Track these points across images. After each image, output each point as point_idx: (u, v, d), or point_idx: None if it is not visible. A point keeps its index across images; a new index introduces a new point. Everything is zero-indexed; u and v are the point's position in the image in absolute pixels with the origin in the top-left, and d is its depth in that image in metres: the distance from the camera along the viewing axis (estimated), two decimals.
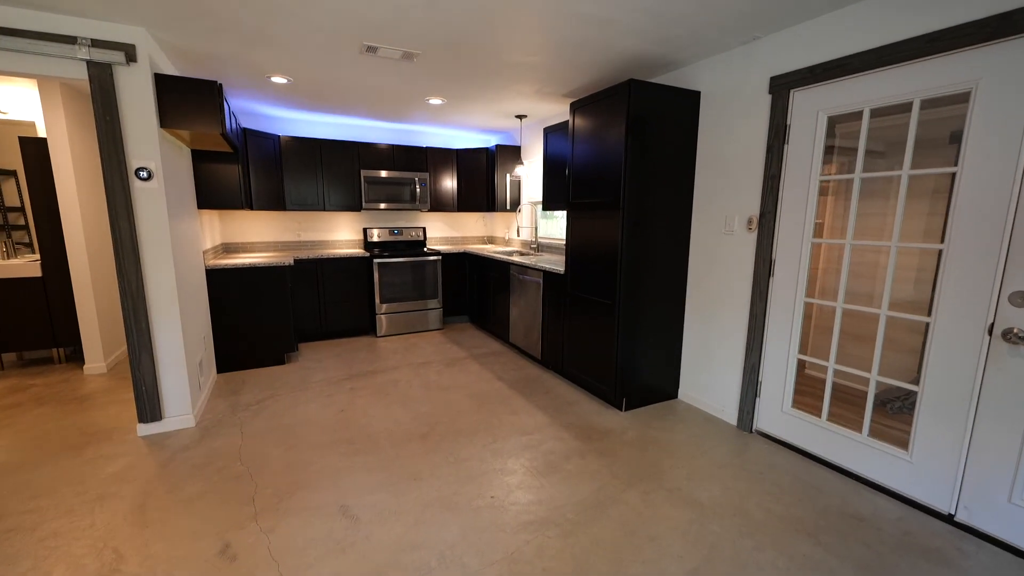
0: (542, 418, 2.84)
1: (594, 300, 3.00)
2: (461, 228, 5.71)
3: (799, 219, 2.34)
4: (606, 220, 2.83)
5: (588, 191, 2.99)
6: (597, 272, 2.95)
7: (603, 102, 2.78)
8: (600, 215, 2.88)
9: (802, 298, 2.37)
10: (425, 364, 3.85)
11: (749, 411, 2.65)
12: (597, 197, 2.90)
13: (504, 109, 4.12)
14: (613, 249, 2.77)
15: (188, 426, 2.68)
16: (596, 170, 2.89)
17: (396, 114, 4.36)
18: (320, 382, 3.42)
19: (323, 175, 4.53)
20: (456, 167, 5.17)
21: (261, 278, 3.63)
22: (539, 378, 3.53)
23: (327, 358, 3.98)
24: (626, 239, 2.72)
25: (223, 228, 4.45)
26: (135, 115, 2.37)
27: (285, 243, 4.76)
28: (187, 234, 2.98)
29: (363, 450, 2.44)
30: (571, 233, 3.20)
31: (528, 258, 4.15)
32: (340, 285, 4.48)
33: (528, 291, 3.84)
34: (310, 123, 4.70)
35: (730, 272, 2.71)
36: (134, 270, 2.44)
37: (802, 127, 2.30)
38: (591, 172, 2.95)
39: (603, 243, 2.87)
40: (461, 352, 4.18)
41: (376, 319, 4.63)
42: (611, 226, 2.78)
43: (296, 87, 3.40)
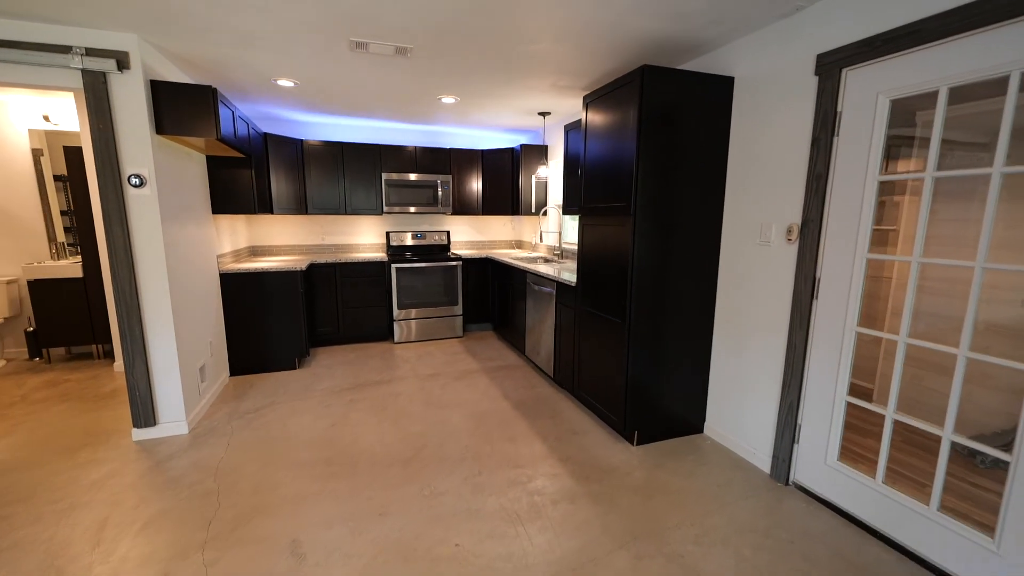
0: (540, 448, 2.54)
1: (603, 317, 2.67)
2: (487, 232, 5.51)
3: (850, 228, 1.89)
4: (617, 227, 2.49)
5: (600, 194, 2.66)
6: (608, 286, 2.61)
7: (616, 93, 2.44)
8: (611, 221, 2.54)
9: (853, 326, 1.91)
10: (433, 376, 3.67)
11: (785, 458, 2.20)
12: (609, 200, 2.56)
13: (524, 106, 3.85)
14: (624, 260, 2.43)
15: (181, 433, 2.67)
16: (608, 170, 2.56)
17: (415, 115, 4.23)
18: (322, 391, 3.34)
19: (344, 178, 4.50)
20: (481, 168, 4.97)
21: (274, 283, 3.62)
22: (549, 399, 3.23)
23: (338, 365, 3.92)
24: (638, 249, 2.37)
25: (250, 232, 4.54)
26: (129, 122, 2.37)
27: (309, 246, 4.80)
28: (194, 239, 2.99)
29: (338, 473, 2.28)
30: (583, 241, 2.88)
31: (546, 266, 3.86)
32: (358, 290, 4.42)
33: (542, 302, 3.55)
34: (334, 127, 4.69)
35: (765, 290, 2.28)
36: (127, 277, 2.45)
37: (856, 114, 1.85)
38: (603, 173, 2.61)
39: (614, 253, 2.53)
40: (474, 364, 3.97)
41: (393, 325, 4.53)
42: (622, 234, 2.44)
43: (304, 90, 3.35)
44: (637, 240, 2.36)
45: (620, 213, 2.44)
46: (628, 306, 2.42)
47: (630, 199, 2.34)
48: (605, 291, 2.64)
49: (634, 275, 2.39)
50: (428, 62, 2.74)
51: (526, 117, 4.27)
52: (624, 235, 2.42)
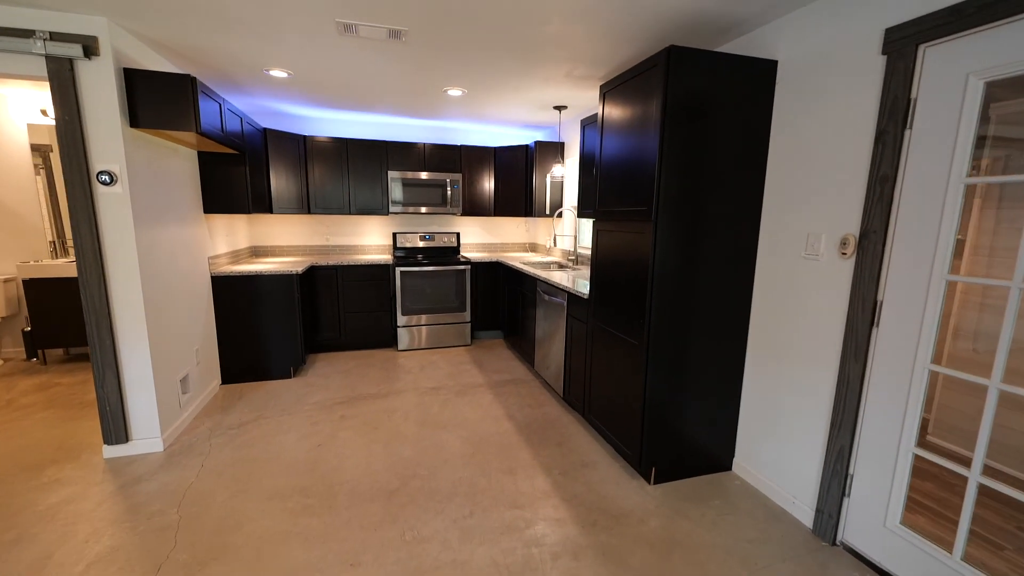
0: (542, 483, 2.25)
1: (618, 336, 2.35)
2: (499, 234, 5.23)
3: (926, 243, 1.53)
4: (636, 234, 2.16)
5: (617, 196, 2.34)
6: (623, 300, 2.29)
7: (637, 80, 2.12)
8: (629, 227, 2.22)
9: (926, 363, 1.55)
10: (434, 390, 3.41)
11: (832, 513, 1.85)
12: (626, 204, 2.24)
13: (538, 99, 3.55)
14: (643, 272, 2.11)
15: (155, 450, 2.48)
16: (626, 170, 2.24)
17: (423, 110, 3.98)
18: (313, 405, 3.11)
19: (349, 176, 4.28)
20: (494, 167, 4.69)
21: (269, 287, 3.42)
22: (557, 421, 2.93)
23: (335, 374, 3.70)
24: (659, 260, 2.04)
25: (252, 232, 4.38)
26: (98, 114, 2.18)
27: (313, 247, 4.61)
28: (180, 240, 2.80)
29: (314, 508, 2.03)
30: (597, 248, 2.56)
31: (559, 273, 3.55)
32: (360, 294, 4.21)
33: (552, 313, 3.25)
34: (338, 122, 4.49)
35: (811, 312, 1.92)
36: (97, 282, 2.26)
37: (936, 101, 1.49)
38: (621, 172, 2.30)
39: (632, 263, 2.21)
40: (479, 377, 3.69)
41: (397, 332, 4.30)
42: (641, 242, 2.12)
43: (300, 82, 3.12)
44: (658, 249, 2.04)
45: (639, 218, 2.12)
46: (647, 325, 2.10)
47: (651, 203, 2.02)
48: (621, 306, 2.32)
49: (654, 289, 2.07)
50: (428, 49, 2.47)
51: (541, 112, 3.97)
52: (643, 243, 2.10)
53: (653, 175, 2.00)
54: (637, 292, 2.16)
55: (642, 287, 2.12)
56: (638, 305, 2.15)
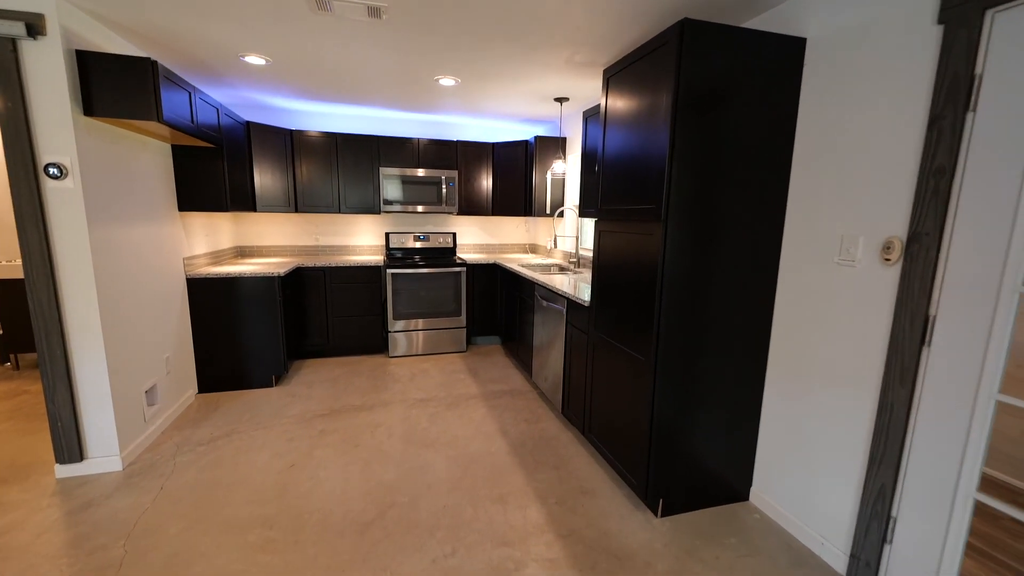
0: (536, 514, 2.00)
1: (622, 350, 2.10)
2: (498, 234, 4.99)
3: (994, 247, 1.27)
4: (643, 235, 1.92)
5: (621, 193, 2.09)
6: (628, 310, 2.04)
7: (645, 61, 1.87)
8: (635, 227, 1.98)
9: (992, 392, 1.29)
10: (423, 402, 3.18)
11: (870, 561, 1.59)
12: (632, 201, 1.99)
13: (537, 90, 3.31)
14: (650, 278, 1.86)
15: (113, 470, 2.27)
16: (633, 164, 1.99)
17: (416, 102, 3.75)
18: (292, 418, 2.89)
19: (339, 173, 4.06)
20: (492, 163, 4.46)
21: (249, 290, 3.21)
22: (554, 440, 2.68)
23: (320, 383, 3.48)
24: (670, 264, 1.80)
25: (237, 231, 4.17)
26: (45, 100, 1.96)
27: (302, 248, 4.39)
28: (148, 240, 2.59)
29: (276, 542, 1.80)
30: (599, 250, 2.32)
31: (560, 277, 3.30)
32: (350, 297, 3.98)
33: (551, 320, 3.00)
34: (328, 116, 4.27)
35: (844, 326, 1.67)
36: (45, 285, 2.05)
37: (1009, 77, 1.23)
38: (626, 167, 2.05)
39: (638, 268, 1.96)
40: (472, 387, 3.45)
41: (388, 337, 4.07)
42: (649, 244, 1.87)
43: (280, 70, 2.90)
44: (668, 253, 1.79)
45: (647, 218, 1.87)
46: (655, 339, 1.85)
47: (660, 200, 1.77)
48: (625, 316, 2.07)
49: (663, 298, 1.82)
50: (412, 31, 2.24)
51: (541, 104, 3.73)
52: (651, 246, 1.85)
53: (663, 169, 1.75)
54: (643, 301, 1.91)
55: (649, 295, 1.87)
56: (645, 315, 1.91)
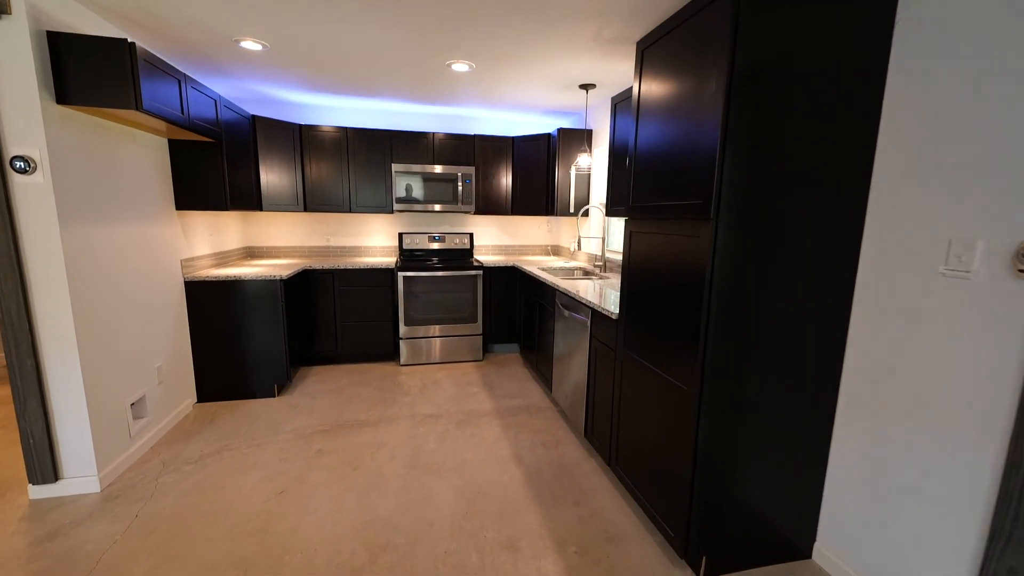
0: (552, 567, 1.69)
1: (658, 373, 1.77)
2: (518, 235, 4.69)
3: None
4: (685, 236, 1.58)
5: (657, 188, 1.76)
6: (665, 327, 1.71)
7: (690, 27, 1.54)
8: (676, 228, 1.64)
9: None
10: (433, 418, 2.91)
11: None
12: (672, 197, 1.66)
13: (561, 75, 2.99)
14: (695, 290, 1.52)
15: (90, 491, 2.08)
16: (672, 152, 1.66)
17: (429, 92, 3.49)
18: (290, 434, 2.67)
19: (349, 170, 3.85)
20: (512, 159, 4.16)
21: (250, 294, 3.01)
22: (576, 469, 2.36)
23: (324, 394, 3.26)
24: (721, 273, 1.46)
25: (247, 231, 4.01)
26: (11, 86, 1.78)
27: (312, 248, 4.20)
28: (137, 241, 2.41)
29: None
30: (630, 254, 1.99)
31: (584, 282, 2.97)
32: (360, 301, 3.76)
33: (573, 331, 2.68)
34: (338, 110, 4.06)
35: (950, 355, 1.29)
36: (14, 291, 1.87)
37: None
38: (663, 157, 1.71)
39: (678, 277, 1.62)
40: (486, 401, 3.16)
41: (399, 344, 3.83)
42: (694, 248, 1.53)
43: (278, 55, 2.68)
44: (719, 259, 1.45)
45: (691, 216, 1.54)
46: (700, 364, 1.51)
47: (709, 196, 1.43)
48: (661, 333, 1.74)
49: (712, 314, 1.48)
50: (417, 8, 1.96)
51: (565, 93, 3.40)
52: (697, 250, 1.51)
53: (713, 158, 1.41)
54: (685, 316, 1.58)
55: (693, 310, 1.53)
56: (686, 335, 1.57)
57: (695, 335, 1.52)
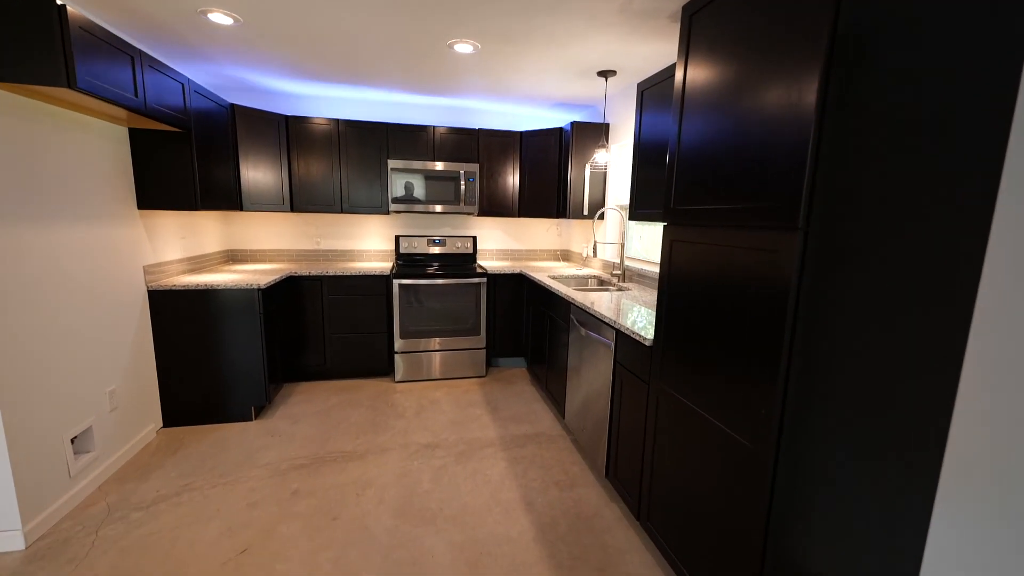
0: None
1: (710, 421, 1.40)
2: (526, 238, 4.33)
3: None
4: (754, 250, 1.21)
5: (711, 189, 1.39)
6: (721, 361, 1.34)
7: None
8: (739, 238, 1.27)
9: None
10: (428, 449, 2.55)
11: None
12: (733, 200, 1.29)
13: (577, 59, 2.63)
14: (769, 319, 1.16)
15: (13, 549, 1.72)
16: (735, 146, 1.29)
17: (429, 80, 3.13)
18: (264, 468, 2.31)
19: (341, 166, 3.49)
20: (519, 156, 3.80)
21: (224, 304, 2.66)
22: (596, 518, 2.00)
23: (308, 417, 2.90)
24: (810, 300, 1.09)
25: (229, 232, 3.66)
26: None
27: (301, 252, 3.85)
28: (82, 246, 2.07)
29: None
30: (669, 268, 1.62)
31: (599, 294, 2.61)
32: (351, 310, 3.41)
33: (591, 353, 2.31)
34: (329, 100, 3.70)
35: None
36: None
37: None
38: (722, 150, 1.35)
39: (744, 301, 1.26)
40: (490, 427, 2.80)
41: (394, 358, 3.47)
42: (769, 265, 1.16)
43: (254, 31, 2.33)
44: (808, 280, 1.08)
45: (763, 223, 1.17)
46: (776, 417, 1.15)
47: (794, 199, 1.07)
48: (714, 369, 1.37)
49: (795, 351, 1.11)
50: None
51: (580, 81, 3.04)
52: (773, 266, 1.15)
53: (802, 148, 1.05)
54: (752, 352, 1.21)
55: (765, 345, 1.16)
56: (754, 376, 1.20)
57: (768, 378, 1.16)
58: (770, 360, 1.15)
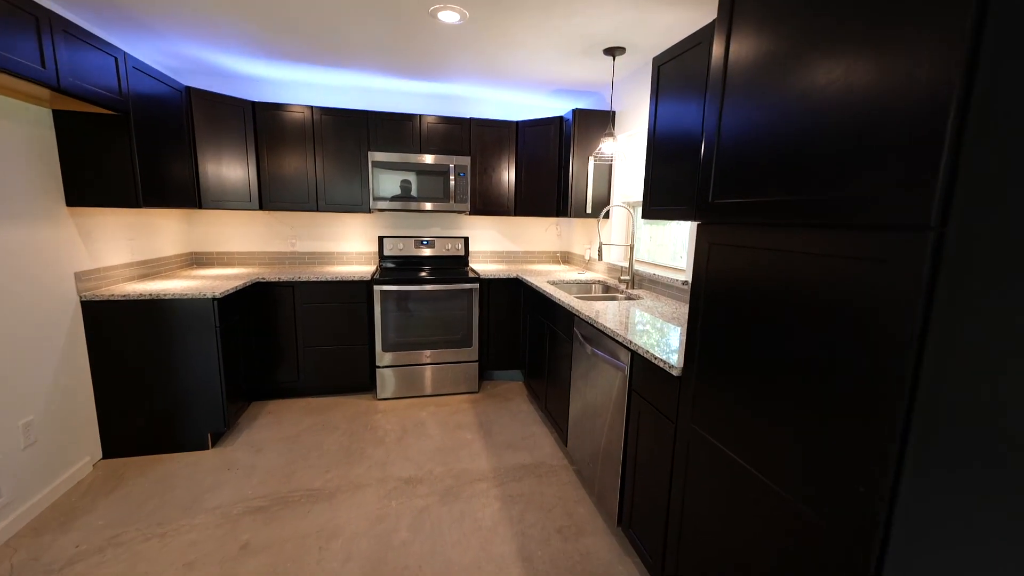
0: None
1: (767, 486, 1.05)
2: (522, 239, 3.97)
3: None
4: (851, 260, 0.86)
5: (771, 176, 1.04)
6: (789, 408, 0.99)
7: None
8: (821, 239, 0.92)
9: None
10: (410, 485, 2.19)
11: None
12: (810, 190, 0.94)
13: (581, 33, 2.28)
14: (880, 355, 0.80)
15: None
16: (810, 119, 0.93)
17: (413, 59, 2.78)
18: (212, 514, 1.95)
19: (316, 159, 3.13)
20: (515, 148, 3.45)
21: (175, 316, 2.30)
22: None
23: (273, 443, 2.54)
24: (942, 328, 0.73)
25: (193, 232, 3.29)
26: None
27: (274, 255, 3.48)
28: None
29: None
30: (707, 278, 1.27)
31: (606, 303, 2.25)
32: (327, 320, 3.04)
33: (600, 375, 1.96)
34: (303, 85, 3.33)
35: None
36: None
37: None
38: (788, 126, 0.99)
39: (822, 328, 0.90)
40: (482, 456, 2.45)
41: (377, 373, 3.11)
42: (876, 278, 0.81)
43: None
44: (943, 301, 0.73)
45: (866, 218, 0.82)
46: (889, 497, 0.79)
47: (919, 182, 0.72)
48: (776, 416, 1.02)
49: (917, 407, 0.76)
50: None
51: (584, 61, 2.69)
52: (882, 280, 0.79)
53: (938, 120, 0.69)
54: (847, 400, 0.86)
55: (872, 394, 0.81)
56: (851, 434, 0.85)
57: (871, 440, 0.80)
58: (873, 414, 0.80)
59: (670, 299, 2.42)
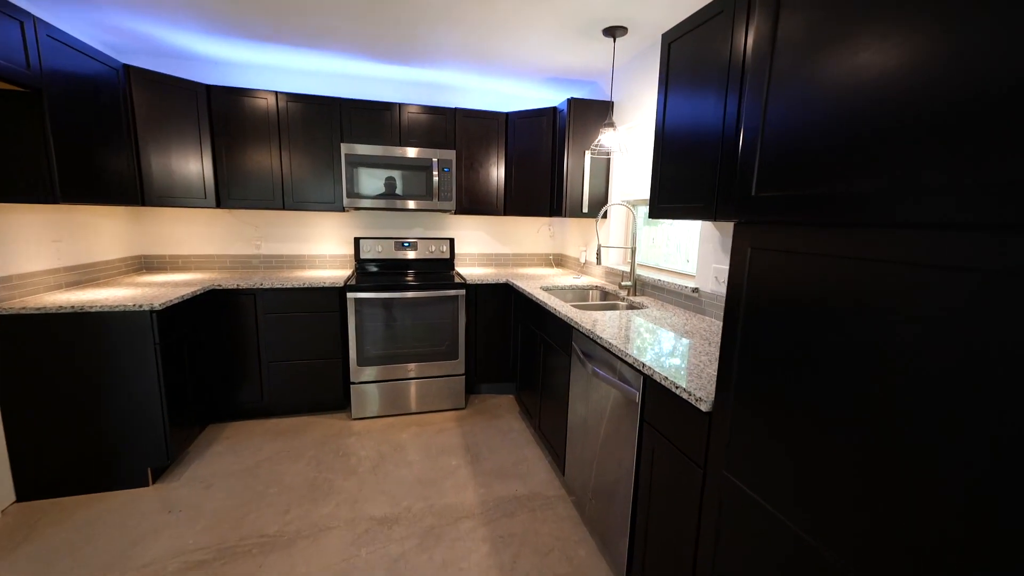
0: None
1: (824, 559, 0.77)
2: (513, 241, 3.68)
3: None
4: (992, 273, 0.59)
5: (837, 162, 0.77)
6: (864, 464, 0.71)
7: None
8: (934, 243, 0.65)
9: None
10: (384, 526, 1.88)
11: None
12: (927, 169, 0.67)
13: (579, 9, 2.01)
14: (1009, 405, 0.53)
15: None
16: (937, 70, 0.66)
17: (390, 39, 2.48)
18: (137, 574, 1.61)
19: (283, 151, 2.80)
20: (505, 141, 3.17)
21: (103, 333, 1.95)
22: None
23: (226, 477, 2.20)
24: None
25: (139, 233, 2.93)
26: None
27: (237, 258, 3.14)
28: None
29: None
30: (746, 291, 1.00)
31: (606, 314, 1.97)
32: (294, 332, 2.71)
33: (604, 399, 1.68)
34: (268, 69, 3.00)
35: None
36: None
37: None
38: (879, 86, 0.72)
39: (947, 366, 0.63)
40: (469, 488, 2.15)
41: (351, 390, 2.79)
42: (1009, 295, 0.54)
43: None
44: None
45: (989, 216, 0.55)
46: None
47: None
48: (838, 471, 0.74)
49: None
50: None
51: (581, 43, 2.42)
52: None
53: None
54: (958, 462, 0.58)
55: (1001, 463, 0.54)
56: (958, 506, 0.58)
57: None
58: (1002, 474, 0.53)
59: (678, 308, 2.16)
